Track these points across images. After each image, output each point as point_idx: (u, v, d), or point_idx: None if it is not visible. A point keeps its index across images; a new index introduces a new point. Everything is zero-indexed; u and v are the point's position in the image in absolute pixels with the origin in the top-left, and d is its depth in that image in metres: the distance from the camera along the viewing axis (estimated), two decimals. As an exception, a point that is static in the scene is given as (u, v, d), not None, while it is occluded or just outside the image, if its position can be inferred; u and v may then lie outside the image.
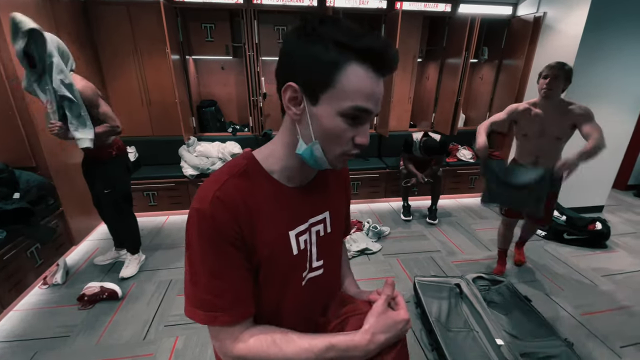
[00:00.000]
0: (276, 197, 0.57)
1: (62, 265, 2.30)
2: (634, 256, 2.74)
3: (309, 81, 0.49)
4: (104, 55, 2.96)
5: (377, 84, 0.50)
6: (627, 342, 1.86)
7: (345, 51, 0.47)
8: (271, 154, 0.58)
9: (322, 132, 0.52)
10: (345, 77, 0.48)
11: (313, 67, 0.48)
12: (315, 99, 0.50)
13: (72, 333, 1.84)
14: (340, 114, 0.50)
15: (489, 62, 3.85)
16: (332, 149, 0.53)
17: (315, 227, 0.64)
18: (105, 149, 2.06)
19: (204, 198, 0.52)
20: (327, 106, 0.50)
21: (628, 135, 3.32)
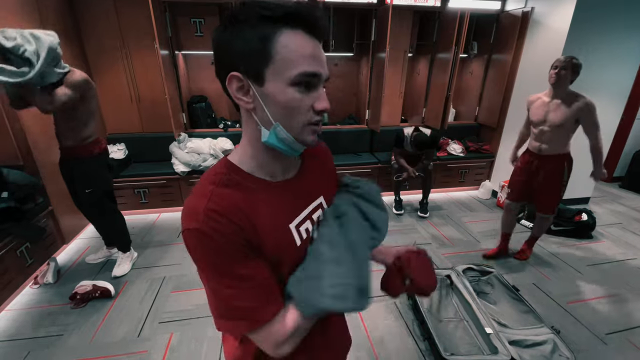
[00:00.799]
0: (267, 196, 0.56)
1: (53, 265, 2.27)
2: (619, 246, 2.83)
3: (249, 64, 0.48)
4: (91, 51, 2.91)
5: (316, 46, 0.49)
6: (612, 329, 1.93)
7: (271, 23, 0.47)
8: (244, 154, 0.57)
9: (279, 109, 0.50)
10: (281, 46, 0.47)
11: (247, 49, 0.48)
12: (261, 80, 0.49)
13: (66, 332, 1.84)
14: (290, 84, 0.48)
15: (478, 57, 3.89)
16: (295, 124, 0.51)
17: (315, 214, 0.64)
18: (86, 146, 2.02)
19: (195, 216, 0.49)
20: (275, 82, 0.49)
21: (613, 128, 3.40)
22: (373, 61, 3.47)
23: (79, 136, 1.97)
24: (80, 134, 1.97)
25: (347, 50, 3.72)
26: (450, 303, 2.06)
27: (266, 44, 0.47)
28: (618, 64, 3.07)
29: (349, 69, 3.92)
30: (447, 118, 3.67)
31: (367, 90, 3.62)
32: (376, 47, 3.37)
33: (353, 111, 4.13)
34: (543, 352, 1.66)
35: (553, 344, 1.69)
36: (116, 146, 3.13)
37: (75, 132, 1.96)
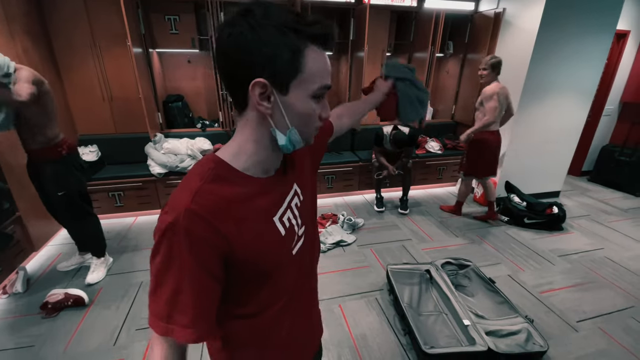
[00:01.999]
0: (254, 192, 0.57)
1: (22, 273, 2.16)
2: (588, 237, 2.97)
3: (277, 73, 0.49)
4: (59, 48, 2.78)
5: (326, 59, 0.54)
6: (582, 316, 2.03)
7: (301, 36, 0.48)
8: (240, 152, 0.56)
9: (298, 117, 0.53)
10: (310, 61, 0.49)
11: (278, 57, 0.48)
12: (285, 89, 0.50)
13: (37, 343, 1.75)
14: (312, 96, 0.52)
15: (454, 56, 3.99)
16: (308, 130, 0.56)
17: (293, 201, 0.65)
18: (53, 148, 1.94)
19: (176, 209, 0.48)
20: (298, 92, 0.51)
21: (581, 125, 3.57)
22: (352, 60, 3.49)
23: (42, 138, 1.88)
24: (43, 136, 1.88)
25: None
26: (430, 297, 2.11)
27: (297, 56, 0.49)
28: (585, 63, 3.22)
29: (329, 68, 3.93)
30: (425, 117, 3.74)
31: (346, 89, 3.64)
32: (355, 46, 3.39)
33: (334, 110, 4.14)
34: (518, 341, 1.73)
35: (527, 333, 1.75)
36: (88, 148, 3.01)
37: (36, 135, 1.87)
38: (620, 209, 3.56)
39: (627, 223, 3.24)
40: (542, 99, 3.26)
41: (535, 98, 3.24)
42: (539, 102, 3.27)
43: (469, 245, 2.77)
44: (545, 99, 3.28)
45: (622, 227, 3.16)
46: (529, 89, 3.17)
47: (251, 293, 0.60)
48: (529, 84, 3.15)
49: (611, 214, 3.44)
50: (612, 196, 3.92)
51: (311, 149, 0.74)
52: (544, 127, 3.41)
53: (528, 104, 3.24)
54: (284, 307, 0.65)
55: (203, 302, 0.52)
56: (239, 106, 0.55)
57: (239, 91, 0.52)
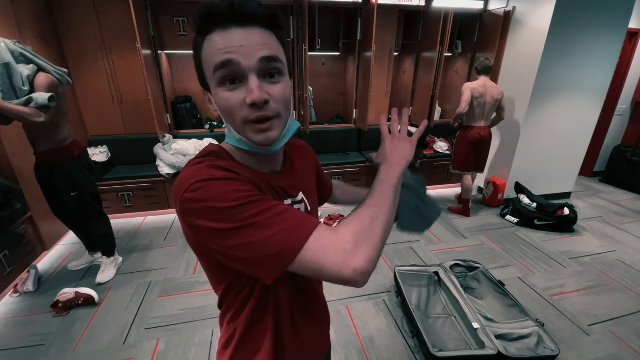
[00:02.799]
0: (257, 180, 0.55)
1: (33, 272, 2.20)
2: (600, 239, 2.92)
3: (199, 77, 0.53)
4: (70, 52, 2.82)
5: (234, 34, 0.47)
6: (594, 320, 1.98)
7: (199, 33, 0.49)
8: (230, 150, 0.59)
9: (222, 112, 0.51)
10: (204, 53, 0.49)
11: (195, 64, 0.52)
12: (208, 89, 0.52)
13: (47, 341, 1.78)
14: (217, 85, 0.49)
15: (463, 56, 3.95)
16: (236, 124, 0.51)
17: (297, 206, 0.64)
18: (65, 150, 1.96)
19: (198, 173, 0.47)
20: (212, 87, 0.50)
21: (593, 125, 3.50)
22: (359, 60, 3.48)
23: (55, 140, 1.91)
24: (56, 138, 1.91)
25: (334, 49, 3.72)
26: (438, 299, 2.09)
27: (199, 55, 0.50)
28: (596, 62, 3.16)
29: (336, 69, 3.92)
30: (433, 116, 3.72)
31: (354, 90, 3.63)
32: (362, 46, 3.38)
33: (341, 110, 4.13)
34: (528, 345, 1.70)
35: (538, 337, 1.73)
36: (98, 149, 3.05)
37: (50, 136, 1.89)
38: (633, 211, 3.48)
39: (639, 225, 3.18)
40: (552, 99, 3.21)
41: (546, 98, 3.19)
42: (549, 101, 3.21)
43: (477, 247, 2.74)
44: (556, 99, 3.23)
45: (634, 229, 3.09)
46: (539, 89, 3.12)
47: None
48: (539, 84, 3.10)
49: (624, 216, 3.37)
50: (625, 197, 3.84)
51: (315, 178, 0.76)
52: (555, 127, 3.35)
53: (538, 103, 3.19)
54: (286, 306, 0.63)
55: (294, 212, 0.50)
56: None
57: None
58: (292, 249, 0.45)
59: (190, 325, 1.89)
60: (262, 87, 0.48)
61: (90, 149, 3.01)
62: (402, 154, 0.63)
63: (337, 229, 0.48)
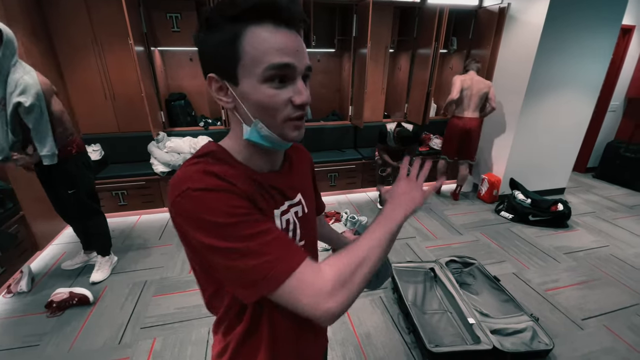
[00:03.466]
0: (255, 181, 0.56)
1: (26, 272, 2.17)
2: (593, 234, 2.95)
3: (222, 65, 0.50)
4: (61, 48, 2.78)
5: (287, 35, 0.48)
6: (587, 314, 2.01)
7: (237, 22, 0.47)
8: (232, 148, 0.57)
9: (257, 107, 0.50)
10: (247, 44, 0.47)
11: (219, 50, 0.49)
12: (235, 80, 0.50)
13: (42, 342, 1.76)
14: (262, 81, 0.48)
15: (458, 52, 3.95)
16: (274, 121, 0.51)
17: (294, 209, 0.64)
18: (63, 148, 1.93)
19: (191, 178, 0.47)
20: (248, 81, 0.49)
21: (586, 121, 3.53)
22: (355, 57, 3.47)
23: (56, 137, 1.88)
24: (57, 135, 1.88)
25: (329, 46, 3.70)
26: (434, 295, 2.10)
27: (234, 44, 0.47)
28: (590, 58, 3.18)
29: (332, 65, 3.90)
30: (429, 113, 3.72)
31: (349, 86, 3.62)
32: (358, 43, 3.37)
33: (336, 107, 4.12)
34: (523, 339, 1.72)
35: (532, 331, 1.74)
36: (91, 147, 3.01)
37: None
38: (626, 206, 3.53)
39: (632, 220, 3.21)
40: (547, 95, 3.23)
41: (540, 94, 3.20)
42: (543, 98, 3.23)
43: (473, 243, 2.76)
44: (551, 95, 3.24)
45: (627, 224, 3.13)
46: (534, 85, 3.13)
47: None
48: (534, 80, 3.11)
49: (617, 211, 3.41)
50: (618, 193, 3.88)
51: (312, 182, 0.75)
52: (549, 124, 3.37)
53: (533, 100, 3.20)
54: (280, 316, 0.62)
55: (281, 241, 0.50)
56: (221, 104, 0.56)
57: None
58: (273, 282, 0.46)
59: (186, 324, 1.88)
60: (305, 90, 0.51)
61: (83, 147, 2.97)
62: (412, 199, 0.63)
63: (321, 266, 0.49)
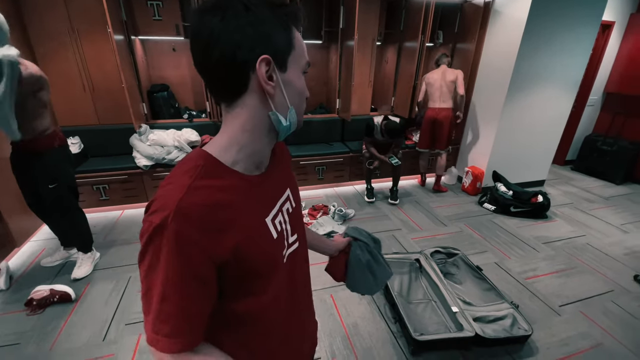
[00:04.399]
0: (245, 191, 0.54)
1: (4, 270, 2.10)
2: (571, 224, 3.06)
3: (280, 49, 0.51)
4: (36, 37, 2.64)
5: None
6: (564, 301, 2.10)
7: (288, 16, 0.52)
8: (231, 144, 0.54)
9: (297, 94, 0.56)
10: (295, 38, 0.53)
11: (275, 34, 0.50)
12: (285, 66, 0.52)
13: (22, 340, 1.71)
14: (302, 71, 0.56)
15: (444, 46, 3.98)
16: (301, 109, 0.59)
17: (285, 206, 0.64)
18: (45, 140, 1.87)
19: (163, 209, 0.45)
20: (294, 69, 0.54)
21: (566, 115, 3.64)
22: (342, 49, 3.45)
23: (35, 129, 1.81)
24: (37, 128, 1.82)
25: (316, 37, 3.66)
26: (419, 285, 2.14)
27: (289, 33, 0.52)
28: (571, 53, 3.26)
29: (319, 57, 3.87)
30: (415, 107, 3.74)
31: (337, 79, 3.60)
32: (345, 35, 3.34)
33: (324, 100, 4.10)
34: (504, 326, 1.78)
35: (513, 318, 1.81)
36: (70, 139, 2.90)
37: (30, 126, 1.80)
38: (602, 197, 3.67)
39: (608, 211, 3.35)
40: (529, 90, 3.30)
41: (523, 88, 3.27)
42: (526, 92, 3.30)
43: (457, 234, 2.82)
44: (533, 90, 3.32)
45: (603, 214, 3.27)
46: (516, 79, 3.20)
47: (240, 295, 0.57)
48: (516, 75, 3.17)
49: (593, 202, 3.54)
50: (594, 184, 4.04)
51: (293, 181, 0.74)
52: (531, 118, 3.46)
53: (515, 94, 3.27)
54: (274, 317, 0.62)
55: (190, 311, 0.49)
56: (233, 93, 0.52)
57: (237, 75, 0.50)
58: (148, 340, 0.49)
59: (173, 319, 1.86)
60: None
61: (61, 140, 2.86)
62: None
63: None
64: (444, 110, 3.30)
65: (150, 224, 0.46)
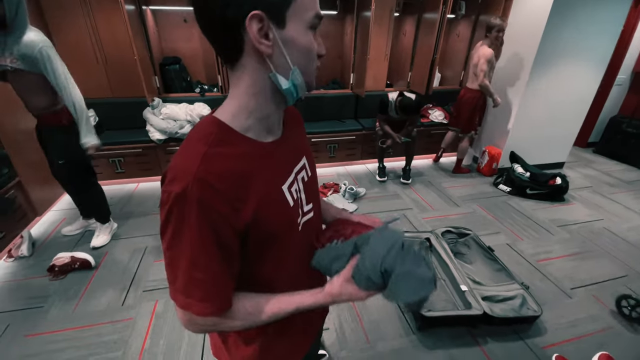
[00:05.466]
0: (260, 158, 0.53)
1: (26, 237, 2.19)
2: (589, 208, 2.98)
3: (271, 3, 0.44)
4: (48, 7, 2.61)
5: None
6: (577, 284, 2.07)
7: None
8: (240, 110, 0.52)
9: (299, 53, 0.49)
10: None
11: None
12: (282, 22, 0.46)
13: (46, 303, 1.81)
14: (309, 27, 0.49)
15: (466, 18, 3.77)
16: (309, 69, 0.52)
17: (300, 175, 0.63)
18: (53, 116, 1.88)
19: (183, 178, 0.45)
20: (296, 24, 0.47)
21: (592, 95, 3.45)
22: (358, 20, 3.30)
23: (42, 104, 1.83)
24: (43, 102, 1.83)
25: (331, 7, 3.50)
26: (429, 264, 2.14)
27: None
28: (600, 28, 3.05)
29: (333, 29, 3.72)
30: (432, 83, 3.61)
31: (351, 53, 3.48)
32: (361, 4, 3.19)
33: (337, 75, 3.99)
34: (512, 305, 1.78)
35: (522, 299, 1.81)
36: (85, 112, 2.93)
37: (38, 100, 1.82)
38: (624, 181, 3.54)
39: (629, 195, 3.24)
40: (554, 66, 3.12)
41: (547, 67, 3.10)
42: (551, 69, 3.13)
43: (470, 215, 2.79)
44: (558, 66, 3.14)
45: (623, 199, 3.16)
46: (542, 55, 3.02)
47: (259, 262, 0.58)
48: (542, 49, 3.00)
49: (614, 186, 3.42)
50: (617, 168, 3.89)
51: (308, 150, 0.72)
52: (554, 96, 3.30)
53: (540, 70, 3.10)
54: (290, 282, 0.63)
55: (218, 275, 0.51)
56: (232, 55, 0.49)
57: (231, 35, 0.46)
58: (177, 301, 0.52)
59: (187, 288, 1.93)
60: None
61: (77, 113, 2.90)
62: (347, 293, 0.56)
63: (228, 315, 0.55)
64: (469, 91, 3.16)
65: (170, 193, 0.46)
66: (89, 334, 1.65)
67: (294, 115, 0.71)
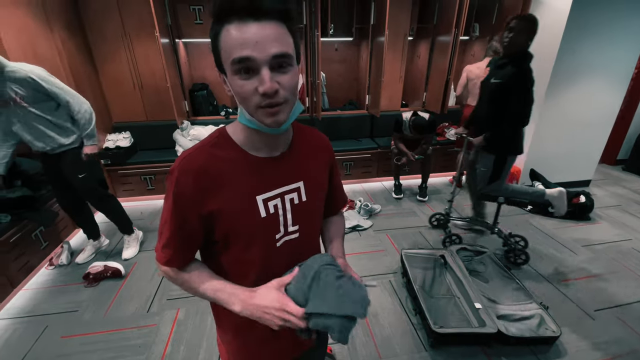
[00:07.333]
0: (242, 164, 0.65)
1: (66, 247, 2.40)
2: (617, 227, 2.86)
3: (216, 59, 0.57)
4: (94, 41, 2.97)
5: (246, 29, 0.51)
6: (601, 306, 1.99)
7: (217, 21, 0.53)
8: (236, 127, 0.66)
9: (236, 96, 0.57)
10: (222, 41, 0.53)
11: (213, 46, 0.56)
12: (224, 72, 0.57)
13: (80, 308, 1.97)
14: (233, 73, 0.54)
15: (480, 39, 3.85)
16: (249, 108, 0.57)
17: (289, 195, 0.69)
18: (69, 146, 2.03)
19: (176, 162, 0.62)
20: (228, 72, 0.55)
21: (615, 111, 3.37)
22: (372, 45, 3.47)
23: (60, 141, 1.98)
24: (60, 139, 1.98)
25: (347, 34, 3.71)
26: (443, 281, 2.14)
27: (215, 41, 0.55)
28: (620, 45, 3.02)
29: (349, 54, 3.91)
30: (448, 102, 3.67)
31: (367, 75, 3.63)
32: (375, 31, 3.36)
33: (353, 97, 4.14)
34: (530, 325, 1.74)
35: (540, 319, 1.76)
36: (122, 134, 3.22)
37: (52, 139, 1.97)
38: (656, 200, 3.37)
39: (661, 214, 3.07)
40: (572, 83, 3.11)
41: (565, 82, 3.09)
42: (569, 86, 3.11)
43: (486, 233, 2.75)
44: (576, 83, 3.12)
45: (655, 218, 3.00)
46: (558, 72, 3.03)
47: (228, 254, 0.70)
48: (558, 67, 3.00)
49: (645, 205, 3.26)
50: (648, 186, 3.70)
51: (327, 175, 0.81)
52: (574, 113, 3.25)
53: (557, 88, 3.09)
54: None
55: (177, 238, 0.65)
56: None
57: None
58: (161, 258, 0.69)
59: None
60: (273, 78, 0.53)
61: (115, 135, 3.19)
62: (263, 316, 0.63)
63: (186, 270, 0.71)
64: (471, 108, 3.13)
65: (171, 167, 0.63)
66: (117, 338, 1.77)
67: (319, 145, 0.78)
